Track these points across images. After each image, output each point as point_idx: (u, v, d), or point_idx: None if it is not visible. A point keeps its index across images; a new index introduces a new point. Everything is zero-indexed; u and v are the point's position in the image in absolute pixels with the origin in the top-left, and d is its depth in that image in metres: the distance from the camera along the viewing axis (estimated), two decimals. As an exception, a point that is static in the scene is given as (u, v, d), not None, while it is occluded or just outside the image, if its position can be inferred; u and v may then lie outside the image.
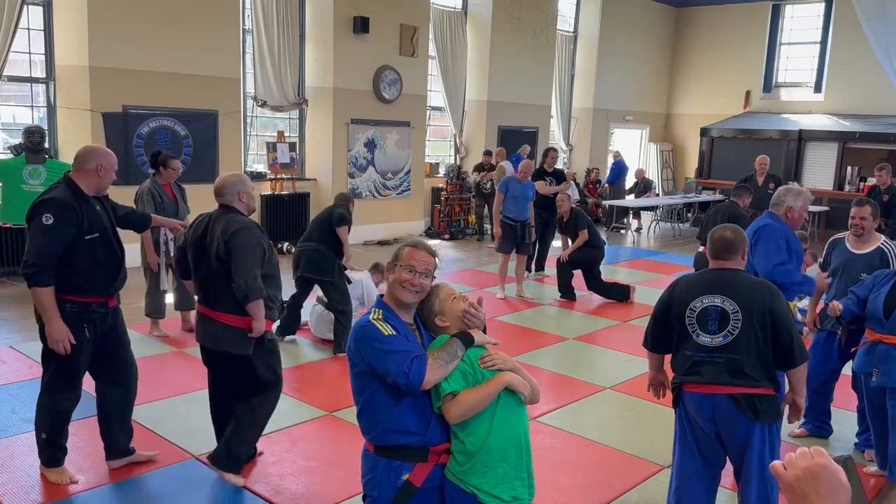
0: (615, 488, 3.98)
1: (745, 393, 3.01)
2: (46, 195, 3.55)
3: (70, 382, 3.70)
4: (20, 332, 6.28)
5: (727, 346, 3.04)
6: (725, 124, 15.91)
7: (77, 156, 3.68)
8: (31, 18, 8.36)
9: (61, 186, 3.60)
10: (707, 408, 3.08)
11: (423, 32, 12.02)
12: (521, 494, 2.42)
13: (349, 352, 2.47)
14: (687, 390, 3.14)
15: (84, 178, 3.65)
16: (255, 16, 10.15)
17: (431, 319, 2.55)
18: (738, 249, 3.18)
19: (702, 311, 3.10)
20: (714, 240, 3.20)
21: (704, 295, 3.11)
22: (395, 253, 2.56)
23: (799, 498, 1.20)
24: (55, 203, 3.48)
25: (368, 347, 2.39)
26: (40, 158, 7.94)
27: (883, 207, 9.65)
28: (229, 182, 3.81)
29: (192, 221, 3.92)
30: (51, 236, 3.44)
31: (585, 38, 15.86)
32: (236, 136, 9.89)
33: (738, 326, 3.03)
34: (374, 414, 2.46)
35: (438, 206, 12.72)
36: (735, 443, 3.07)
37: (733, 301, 3.05)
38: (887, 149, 13.57)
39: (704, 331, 3.10)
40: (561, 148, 15.84)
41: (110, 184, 3.79)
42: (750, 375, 3.02)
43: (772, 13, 16.16)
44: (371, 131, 11.54)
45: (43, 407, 3.71)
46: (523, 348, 6.34)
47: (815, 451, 1.22)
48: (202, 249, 3.69)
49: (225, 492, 3.76)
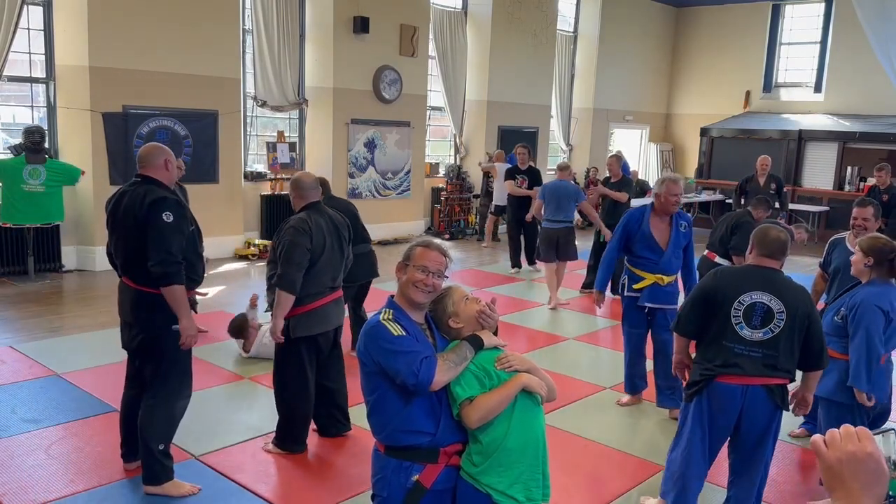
0: (615, 488, 3.98)
1: (777, 384, 3.19)
2: (153, 195, 3.47)
3: (189, 380, 3.72)
4: (20, 332, 6.28)
5: (767, 342, 3.17)
6: (725, 124, 15.90)
7: (141, 157, 3.63)
8: (31, 18, 8.36)
9: (152, 187, 3.53)
10: (739, 399, 3.19)
11: (423, 32, 12.02)
12: (535, 495, 2.42)
13: (359, 352, 2.48)
14: (721, 381, 3.20)
15: (159, 176, 3.62)
16: (255, 16, 10.15)
17: (444, 320, 2.55)
18: (787, 253, 3.32)
19: (749, 306, 3.18)
20: (771, 240, 3.26)
21: (754, 291, 3.19)
22: (407, 253, 2.56)
23: (836, 480, 1.15)
24: (168, 200, 3.48)
25: (378, 347, 2.40)
26: (40, 158, 7.94)
27: (883, 207, 9.66)
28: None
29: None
30: (175, 233, 3.45)
31: (585, 38, 15.86)
32: (236, 136, 9.89)
33: (780, 326, 3.16)
34: (384, 414, 2.45)
35: (438, 206, 12.72)
36: (756, 430, 3.22)
37: (780, 301, 3.15)
38: (887, 149, 13.56)
39: (749, 325, 3.18)
40: (561, 148, 15.85)
41: (175, 179, 3.83)
42: (781, 369, 3.19)
43: (772, 13, 16.16)
44: (371, 131, 11.54)
45: (161, 419, 3.60)
46: (523, 348, 6.33)
47: (862, 433, 1.16)
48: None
49: (225, 492, 3.77)
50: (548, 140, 14.86)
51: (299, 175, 4.28)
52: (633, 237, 4.86)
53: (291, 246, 3.94)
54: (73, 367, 5.38)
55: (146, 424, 3.60)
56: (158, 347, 3.56)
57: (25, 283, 7.93)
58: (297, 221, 4.02)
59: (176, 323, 3.49)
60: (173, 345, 3.53)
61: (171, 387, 3.63)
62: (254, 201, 10.36)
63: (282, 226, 4.11)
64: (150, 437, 3.59)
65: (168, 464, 3.65)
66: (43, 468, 3.91)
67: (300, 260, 3.93)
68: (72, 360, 5.55)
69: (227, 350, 5.97)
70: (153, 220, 3.42)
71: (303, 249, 3.94)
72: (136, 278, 3.53)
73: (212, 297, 7.47)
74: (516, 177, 9.49)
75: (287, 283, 3.91)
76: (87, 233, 8.67)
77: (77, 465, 3.95)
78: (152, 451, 3.59)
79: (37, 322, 6.58)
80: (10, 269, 8.17)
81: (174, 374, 3.63)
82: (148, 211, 3.44)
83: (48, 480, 3.78)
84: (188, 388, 3.72)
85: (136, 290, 3.54)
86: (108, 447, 4.10)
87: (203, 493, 3.72)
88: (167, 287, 3.42)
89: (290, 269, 3.92)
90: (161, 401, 3.60)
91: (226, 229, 9.59)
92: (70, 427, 4.43)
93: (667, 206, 4.76)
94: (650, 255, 4.83)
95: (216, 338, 6.19)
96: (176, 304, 3.46)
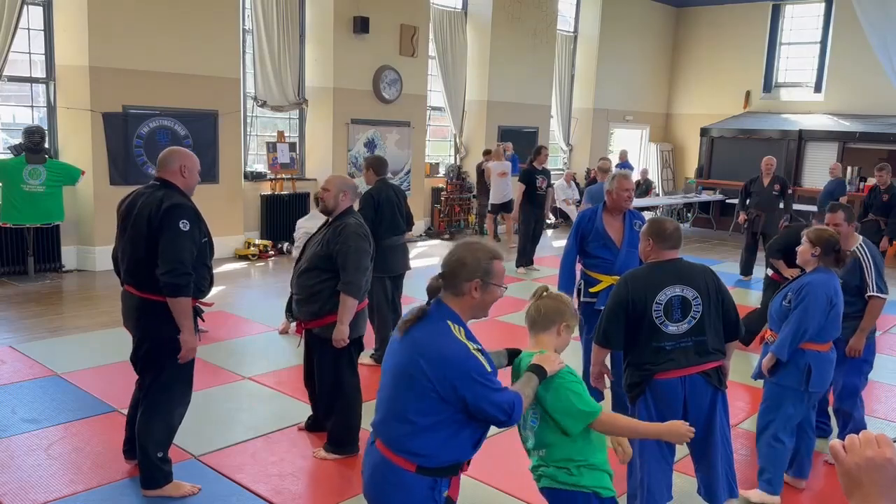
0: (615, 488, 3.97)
1: (712, 367, 3.29)
2: (172, 200, 3.38)
3: (188, 388, 3.66)
4: (20, 332, 6.28)
5: (692, 330, 3.26)
6: (725, 124, 15.90)
7: (160, 161, 3.54)
8: (31, 18, 8.35)
9: (171, 192, 3.44)
10: (680, 389, 3.25)
11: (423, 32, 12.02)
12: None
13: (422, 370, 2.25)
14: (659, 378, 3.25)
15: (175, 180, 3.51)
16: (255, 16, 10.14)
17: (555, 326, 2.62)
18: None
19: (667, 303, 3.25)
20: (669, 232, 3.39)
21: (666, 287, 3.27)
22: (485, 267, 2.34)
23: (854, 485, 1.14)
24: (186, 208, 3.39)
25: (467, 379, 2.23)
26: (40, 158, 7.94)
27: (883, 207, 9.67)
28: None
29: None
30: (190, 243, 3.36)
31: (585, 38, 15.86)
32: (236, 136, 9.89)
33: (699, 311, 3.26)
34: (436, 439, 2.28)
35: (438, 206, 12.72)
36: (702, 415, 3.28)
37: (692, 288, 3.27)
38: (887, 149, 13.56)
39: (671, 320, 3.25)
40: (561, 148, 15.85)
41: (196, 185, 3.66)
42: (712, 351, 3.29)
43: (772, 13, 16.15)
44: (371, 131, 11.54)
45: (160, 426, 3.56)
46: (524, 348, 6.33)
47: (881, 439, 1.15)
48: None
49: (225, 492, 3.77)
50: (548, 140, 14.85)
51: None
52: (587, 236, 4.81)
53: (361, 253, 3.93)
54: (73, 367, 5.37)
55: (144, 432, 3.55)
56: (162, 357, 3.49)
57: (25, 283, 7.93)
58: (356, 227, 3.99)
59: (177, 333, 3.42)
60: (174, 355, 3.47)
61: (171, 395, 3.58)
62: (254, 201, 10.35)
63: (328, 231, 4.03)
64: (149, 444, 3.55)
65: (166, 468, 3.62)
66: (43, 468, 3.90)
67: (368, 265, 3.99)
68: (72, 360, 5.54)
69: (228, 350, 5.97)
70: (168, 226, 3.32)
71: (369, 255, 3.99)
72: (141, 285, 3.43)
73: (212, 297, 7.46)
74: (536, 177, 9.50)
75: (356, 289, 3.92)
76: (87, 233, 8.66)
77: (77, 465, 3.95)
78: (150, 458, 3.56)
79: (37, 322, 6.57)
80: (10, 269, 8.17)
81: (177, 383, 3.59)
82: (164, 216, 3.34)
83: (48, 480, 3.78)
84: (188, 396, 3.69)
85: (141, 299, 3.45)
86: (108, 447, 4.10)
87: (203, 493, 3.71)
88: (174, 298, 3.34)
89: (360, 275, 3.92)
90: (161, 409, 3.56)
91: (226, 229, 9.59)
92: (70, 427, 4.43)
93: (619, 202, 4.74)
94: (605, 254, 4.77)
95: (216, 338, 6.19)
96: (180, 317, 3.39)
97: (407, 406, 2.28)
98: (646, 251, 3.45)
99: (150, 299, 3.42)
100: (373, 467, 2.38)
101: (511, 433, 4.63)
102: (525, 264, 9.73)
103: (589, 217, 4.87)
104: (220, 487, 3.80)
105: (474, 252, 2.36)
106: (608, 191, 4.80)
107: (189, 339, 3.44)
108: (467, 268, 2.32)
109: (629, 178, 4.80)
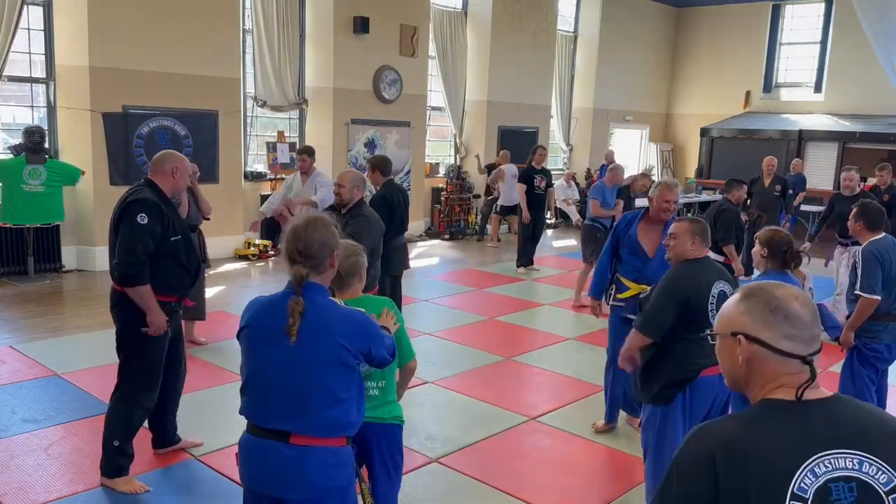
0: (615, 488, 3.98)
1: None
2: (136, 195, 3.56)
3: (154, 382, 3.75)
4: (20, 332, 6.28)
5: None
6: (725, 124, 15.90)
7: (154, 160, 3.74)
8: (31, 18, 8.35)
9: (145, 189, 3.63)
10: (717, 386, 3.31)
11: (423, 32, 12.02)
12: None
13: (342, 349, 2.34)
14: (704, 376, 3.31)
15: (161, 182, 3.68)
16: (255, 16, 10.15)
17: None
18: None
19: (719, 296, 3.31)
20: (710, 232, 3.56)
21: (716, 282, 3.37)
22: (334, 233, 2.51)
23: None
24: (148, 203, 3.53)
25: (377, 337, 2.45)
26: (40, 158, 7.94)
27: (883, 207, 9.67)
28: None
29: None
30: (146, 236, 3.49)
31: (585, 38, 15.86)
32: (236, 136, 9.89)
33: None
34: (357, 403, 2.43)
35: (438, 207, 12.71)
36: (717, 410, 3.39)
37: (729, 284, 3.42)
38: (887, 149, 13.57)
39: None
40: (561, 148, 15.85)
41: (184, 188, 3.89)
42: None
43: (772, 13, 16.16)
44: (371, 131, 11.54)
45: (120, 414, 3.69)
46: (523, 348, 6.34)
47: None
48: None
49: (225, 492, 3.76)
50: (548, 140, 14.85)
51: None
52: (621, 240, 4.69)
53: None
54: (73, 367, 5.38)
55: (107, 417, 3.72)
56: (125, 344, 3.67)
57: (25, 283, 7.93)
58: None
59: (146, 326, 3.56)
60: (139, 346, 3.62)
61: (132, 386, 3.69)
62: (254, 201, 10.34)
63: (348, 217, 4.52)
64: (109, 429, 3.69)
65: (121, 462, 3.70)
66: (43, 468, 3.91)
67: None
68: (72, 360, 5.55)
69: (228, 350, 5.97)
70: (126, 219, 3.50)
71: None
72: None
73: (212, 297, 7.47)
74: (534, 176, 9.50)
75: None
76: (87, 233, 8.66)
77: (77, 465, 3.95)
78: (109, 444, 3.68)
79: (37, 322, 6.57)
80: (10, 270, 8.16)
81: (138, 375, 3.69)
82: (124, 210, 3.52)
83: (48, 480, 3.78)
84: (149, 398, 3.74)
85: (116, 291, 3.65)
86: (108, 447, 4.10)
87: (203, 493, 3.72)
88: (130, 288, 3.51)
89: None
90: (123, 398, 3.70)
91: (226, 229, 9.59)
92: (70, 427, 4.43)
93: (658, 212, 4.49)
94: (635, 261, 4.61)
95: (216, 338, 6.20)
96: (141, 303, 3.54)
97: (332, 388, 2.35)
98: (687, 248, 3.46)
99: (121, 291, 3.60)
100: (298, 463, 2.37)
101: (510, 435, 4.64)
102: (525, 264, 9.74)
103: (627, 221, 4.69)
104: (221, 487, 3.80)
105: (317, 229, 2.41)
106: (649, 197, 4.60)
107: (154, 318, 3.57)
108: (327, 245, 2.42)
109: (674, 189, 4.47)
